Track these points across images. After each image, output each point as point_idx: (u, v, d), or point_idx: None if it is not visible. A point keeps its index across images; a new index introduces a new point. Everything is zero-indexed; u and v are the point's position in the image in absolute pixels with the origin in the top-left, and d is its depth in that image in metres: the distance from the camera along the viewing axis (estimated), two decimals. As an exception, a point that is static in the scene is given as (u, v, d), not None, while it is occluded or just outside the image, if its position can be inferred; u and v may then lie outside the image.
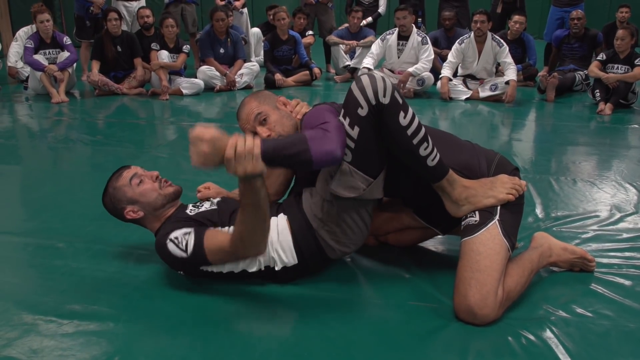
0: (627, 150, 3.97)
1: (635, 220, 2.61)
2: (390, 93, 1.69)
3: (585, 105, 5.60)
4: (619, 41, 5.32)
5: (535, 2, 11.04)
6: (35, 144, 4.27)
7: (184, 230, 1.85)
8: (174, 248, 1.83)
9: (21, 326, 1.73)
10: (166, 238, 1.85)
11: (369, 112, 1.70)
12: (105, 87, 5.98)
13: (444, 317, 1.79)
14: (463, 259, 1.80)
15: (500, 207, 1.86)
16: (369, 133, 1.74)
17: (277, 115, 1.93)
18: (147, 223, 2.04)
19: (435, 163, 1.79)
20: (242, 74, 6.44)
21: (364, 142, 1.75)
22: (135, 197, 1.98)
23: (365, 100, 1.69)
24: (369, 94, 1.69)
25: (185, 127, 4.68)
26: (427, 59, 5.93)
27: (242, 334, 1.71)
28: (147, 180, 2.01)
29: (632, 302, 1.88)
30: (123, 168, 2.07)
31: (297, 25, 7.27)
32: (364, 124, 1.72)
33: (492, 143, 4.17)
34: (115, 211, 2.04)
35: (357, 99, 1.70)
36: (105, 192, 2.04)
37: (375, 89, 1.68)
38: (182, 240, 1.82)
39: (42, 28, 5.79)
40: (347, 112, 1.73)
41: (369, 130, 1.73)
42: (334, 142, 1.70)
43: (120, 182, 2.00)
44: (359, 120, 1.72)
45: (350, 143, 1.75)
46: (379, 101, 1.69)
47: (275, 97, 2.00)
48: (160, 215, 2.02)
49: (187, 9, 7.22)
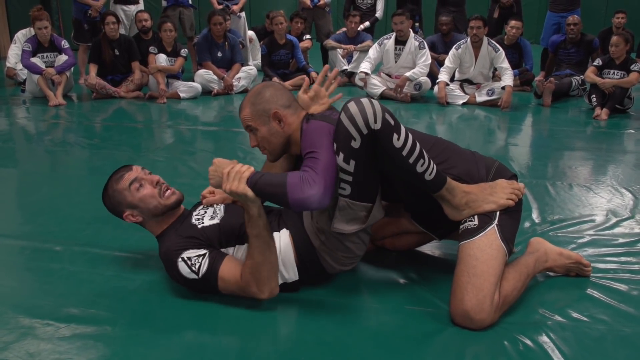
0: (623, 155, 3.99)
1: (631, 225, 2.62)
2: (381, 117, 1.66)
3: (582, 110, 5.62)
4: (614, 48, 5.34)
5: (532, 7, 11.09)
6: (33, 147, 4.26)
7: (198, 252, 1.84)
8: (184, 268, 1.83)
9: (18, 329, 1.73)
10: (177, 256, 1.84)
11: (362, 142, 1.68)
12: (103, 90, 5.97)
13: (440, 321, 1.79)
14: (460, 263, 1.80)
15: (499, 212, 1.87)
16: (365, 163, 1.73)
17: (265, 131, 1.88)
18: (147, 226, 2.04)
19: (433, 176, 1.78)
20: (240, 77, 6.45)
21: (361, 173, 1.74)
22: (135, 203, 1.97)
23: (356, 130, 1.66)
24: (359, 123, 1.66)
25: (183, 130, 4.68)
26: (424, 64, 5.95)
27: (239, 338, 1.72)
28: (147, 186, 1.97)
29: (627, 307, 1.89)
30: (124, 169, 2.03)
31: (295, 29, 7.28)
32: (359, 155, 1.70)
33: (488, 148, 4.18)
34: (115, 211, 2.03)
35: (349, 130, 1.67)
36: (105, 192, 2.02)
37: (365, 116, 1.65)
38: (195, 262, 1.82)
39: (40, 34, 5.79)
40: (341, 147, 1.70)
41: (365, 160, 1.72)
42: (315, 188, 1.67)
43: (120, 186, 1.97)
44: (353, 153, 1.70)
45: (347, 177, 1.74)
46: (371, 128, 1.66)
47: (272, 107, 1.87)
48: (160, 221, 2.01)
49: (185, 13, 7.23)
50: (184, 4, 7.20)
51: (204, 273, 1.81)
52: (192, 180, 3.22)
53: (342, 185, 1.76)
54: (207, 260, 1.82)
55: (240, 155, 3.69)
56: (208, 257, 1.83)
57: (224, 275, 1.81)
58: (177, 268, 1.84)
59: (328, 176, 1.71)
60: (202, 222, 1.96)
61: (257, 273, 1.77)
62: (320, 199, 1.69)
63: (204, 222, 1.96)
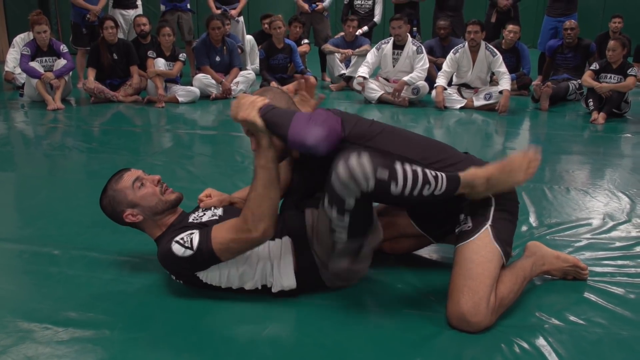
0: (620, 159, 4.00)
1: (627, 228, 2.63)
2: (373, 176, 1.59)
3: (579, 114, 5.64)
4: (611, 52, 5.36)
5: (529, 12, 11.13)
6: (31, 151, 4.26)
7: (189, 231, 1.86)
8: (178, 248, 1.82)
9: (16, 333, 1.73)
10: (170, 242, 1.85)
11: (356, 203, 1.66)
12: (101, 94, 5.98)
13: (438, 324, 1.80)
14: (456, 266, 1.81)
15: (493, 213, 1.87)
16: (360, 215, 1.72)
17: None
18: (146, 228, 2.03)
19: (444, 188, 1.73)
20: (238, 82, 6.46)
21: (357, 223, 1.73)
22: (136, 201, 1.97)
23: (350, 196, 1.64)
24: (352, 188, 1.61)
25: (181, 134, 4.69)
26: (422, 68, 5.97)
27: (238, 341, 1.72)
28: (148, 184, 1.99)
29: (624, 310, 1.90)
30: (123, 170, 2.04)
31: (293, 33, 7.30)
32: (353, 213, 1.69)
33: (486, 152, 4.20)
34: (113, 214, 2.02)
35: (342, 196, 1.64)
36: (103, 194, 2.02)
37: (357, 181, 1.59)
38: (187, 239, 1.82)
39: (39, 38, 5.81)
40: (334, 204, 1.68)
41: (359, 212, 1.70)
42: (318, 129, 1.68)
43: (121, 185, 1.98)
44: (347, 211, 1.68)
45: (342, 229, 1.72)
46: (365, 191, 1.62)
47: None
48: (159, 221, 2.01)
49: (184, 17, 7.24)
50: (182, 9, 7.21)
51: (198, 243, 1.80)
52: (190, 184, 3.23)
53: (339, 232, 1.74)
54: (197, 233, 1.82)
55: (239, 159, 3.70)
56: (197, 231, 1.83)
57: (216, 234, 1.80)
58: (172, 253, 1.82)
59: (333, 130, 1.72)
60: (199, 220, 1.97)
61: (257, 207, 1.75)
62: (318, 139, 1.68)
63: (202, 219, 1.97)
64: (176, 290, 1.98)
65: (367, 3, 7.55)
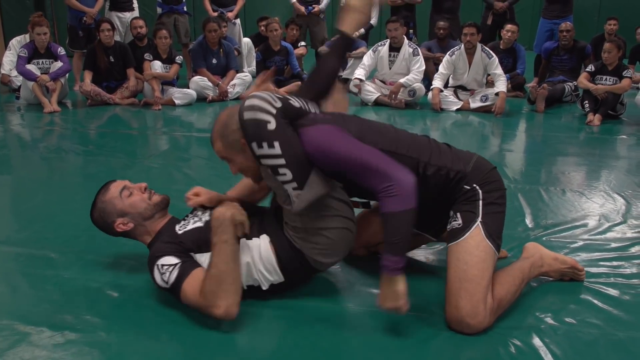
0: (616, 160, 4.02)
1: (623, 229, 2.64)
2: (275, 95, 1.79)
3: (575, 116, 5.66)
4: (606, 54, 5.38)
5: (525, 14, 11.15)
6: (27, 154, 4.26)
7: (172, 260, 1.84)
8: (158, 277, 1.84)
9: (12, 336, 1.73)
10: (155, 261, 1.86)
11: (276, 119, 1.71)
12: (98, 97, 5.98)
13: (434, 326, 1.80)
14: (451, 269, 1.82)
15: (482, 208, 1.86)
16: (288, 138, 1.73)
17: (242, 159, 1.87)
18: (138, 235, 2.04)
19: None
20: (235, 84, 6.46)
21: (290, 148, 1.73)
22: (125, 209, 1.99)
23: (266, 113, 1.71)
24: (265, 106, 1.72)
25: (178, 137, 4.69)
26: (418, 70, 5.98)
27: (235, 344, 1.72)
28: (136, 192, 2.02)
29: (619, 312, 1.90)
30: (109, 183, 2.08)
31: (290, 36, 7.31)
32: (279, 133, 1.71)
33: (482, 153, 4.13)
34: (105, 225, 2.04)
35: (259, 118, 1.71)
36: (93, 207, 2.04)
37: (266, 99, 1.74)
38: (165, 271, 1.83)
39: (38, 39, 5.81)
40: (260, 137, 1.71)
41: (285, 134, 1.73)
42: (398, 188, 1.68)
43: (108, 196, 2.01)
44: (274, 134, 1.70)
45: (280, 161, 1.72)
46: (276, 107, 1.74)
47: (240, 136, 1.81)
48: (149, 227, 2.02)
49: (180, 20, 7.25)
50: (179, 11, 7.22)
51: (173, 283, 1.81)
52: (187, 186, 3.19)
53: (282, 172, 1.73)
54: (176, 271, 1.81)
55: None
56: (178, 267, 1.82)
57: (186, 288, 1.79)
58: (153, 274, 1.86)
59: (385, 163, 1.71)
60: (185, 227, 1.97)
61: (218, 284, 1.72)
62: (408, 179, 1.68)
63: (187, 227, 1.97)
64: (173, 292, 1.98)
65: (364, 5, 7.55)
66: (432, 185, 1.90)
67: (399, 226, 1.68)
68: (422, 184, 1.89)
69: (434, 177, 1.89)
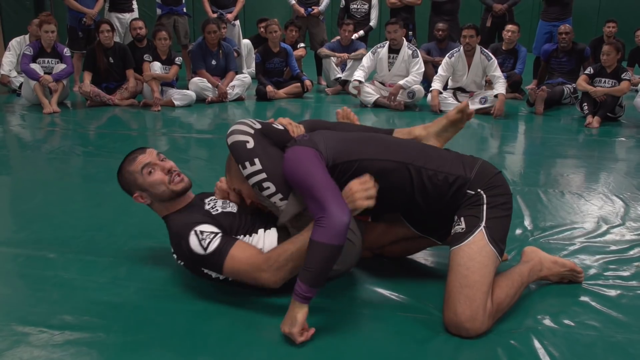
0: (615, 162, 4.02)
1: (621, 232, 2.64)
2: (255, 121, 1.91)
3: (574, 118, 5.67)
4: (605, 56, 5.40)
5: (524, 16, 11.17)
6: (27, 155, 4.26)
7: (213, 228, 1.87)
8: (194, 241, 1.84)
9: (11, 337, 1.73)
10: (191, 228, 1.87)
11: (254, 139, 1.83)
12: (97, 98, 5.98)
13: (433, 328, 1.80)
14: (452, 273, 1.81)
15: (486, 212, 1.86)
16: (266, 154, 1.83)
17: (247, 188, 1.95)
18: (155, 208, 2.09)
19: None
20: (234, 85, 6.47)
21: (270, 162, 1.83)
22: (145, 186, 2.02)
23: (244, 134, 1.86)
24: (243, 128, 1.88)
25: (177, 138, 4.69)
26: (417, 72, 5.99)
27: (233, 345, 1.72)
28: (158, 171, 2.02)
29: (618, 314, 1.91)
30: (138, 151, 2.09)
31: (289, 37, 7.32)
32: (257, 151, 1.83)
33: (481, 155, 4.15)
34: (128, 191, 2.09)
35: (239, 140, 1.86)
36: (119, 172, 2.08)
37: (245, 123, 1.90)
38: (206, 237, 1.84)
39: (45, 37, 5.82)
40: (242, 157, 1.83)
41: (264, 151, 1.84)
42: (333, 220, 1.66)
43: (132, 167, 2.03)
44: (252, 152, 1.82)
45: (262, 175, 1.81)
46: (255, 127, 1.87)
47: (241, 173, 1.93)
48: (168, 206, 2.05)
49: (180, 21, 7.25)
50: (178, 12, 7.22)
51: (212, 250, 1.82)
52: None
53: (265, 185, 1.82)
54: (218, 239, 1.84)
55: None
56: (220, 236, 1.85)
57: (235, 254, 1.82)
58: (186, 240, 1.85)
59: (329, 196, 1.70)
60: (216, 209, 2.00)
61: (285, 259, 1.77)
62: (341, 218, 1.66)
63: (217, 209, 2.00)
64: (172, 294, 1.99)
65: (363, 7, 7.57)
66: (430, 189, 1.90)
67: (317, 257, 1.67)
68: (420, 189, 1.89)
69: (430, 182, 1.89)
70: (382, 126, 5.07)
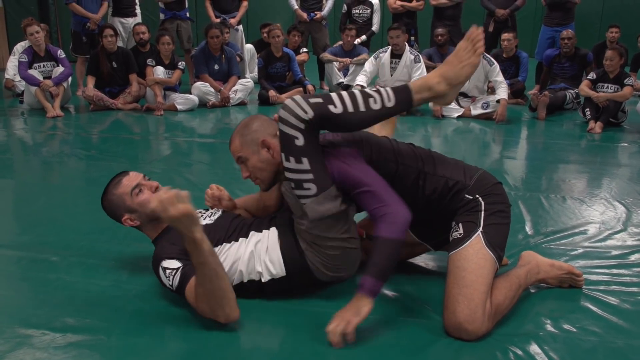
0: (617, 168, 4.02)
1: (623, 237, 2.64)
2: (307, 104, 1.73)
3: (576, 123, 5.67)
4: (608, 61, 5.40)
5: (526, 21, 11.18)
6: (30, 158, 4.28)
7: (174, 264, 1.84)
8: (163, 278, 1.86)
9: (14, 339, 1.74)
10: (159, 262, 1.87)
11: (304, 136, 1.73)
12: (100, 102, 6.00)
13: (433, 332, 1.81)
14: (450, 275, 1.82)
15: (483, 218, 1.88)
16: (316, 154, 1.77)
17: (255, 160, 1.93)
18: (144, 230, 2.07)
19: (394, 100, 1.80)
20: (236, 90, 6.49)
21: (317, 165, 1.78)
22: (134, 207, 2.01)
23: (294, 129, 1.73)
24: (292, 121, 1.72)
25: (180, 142, 4.71)
26: (419, 77, 5.99)
27: (234, 349, 1.73)
28: (146, 191, 2.02)
29: (619, 319, 1.90)
30: (122, 175, 2.08)
31: (292, 42, 7.34)
32: (307, 150, 1.75)
33: (483, 161, 4.21)
34: (114, 216, 2.08)
35: (288, 133, 1.74)
36: (104, 196, 2.07)
37: (294, 113, 1.72)
38: (169, 275, 1.84)
39: (32, 40, 5.83)
40: (288, 150, 1.76)
41: (314, 152, 1.77)
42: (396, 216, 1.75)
43: (120, 190, 2.03)
44: (301, 151, 1.74)
45: (307, 176, 1.77)
46: (305, 120, 1.72)
47: (260, 136, 1.92)
48: (156, 225, 2.04)
49: (183, 26, 7.27)
50: (181, 17, 7.25)
51: (176, 288, 1.83)
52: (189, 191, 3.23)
53: (306, 186, 1.78)
54: (178, 276, 1.82)
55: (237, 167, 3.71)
56: (180, 272, 1.82)
57: (188, 295, 1.80)
58: (158, 274, 1.88)
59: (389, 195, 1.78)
60: None
61: (210, 300, 1.73)
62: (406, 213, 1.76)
63: None
64: (173, 297, 1.99)
65: (365, 12, 7.59)
66: (430, 193, 1.93)
67: (385, 252, 1.73)
68: (422, 193, 1.92)
69: (432, 186, 1.93)
70: (384, 131, 5.09)
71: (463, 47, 1.88)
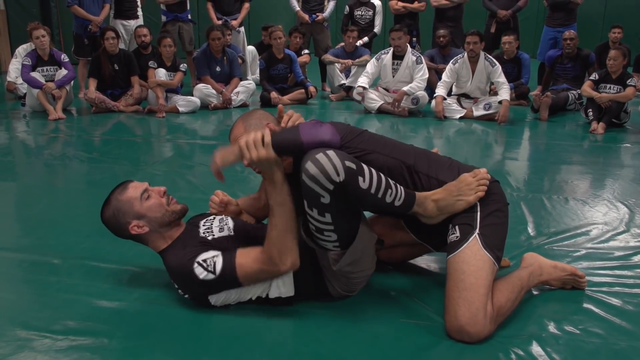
0: (620, 169, 4.01)
1: (626, 238, 2.63)
2: (342, 167, 1.65)
3: (578, 124, 5.66)
4: (611, 61, 5.39)
5: (529, 22, 11.18)
6: (32, 161, 4.28)
7: (212, 252, 1.84)
8: (201, 271, 1.81)
9: (15, 342, 1.74)
10: (192, 261, 1.83)
11: (331, 196, 1.69)
12: (102, 104, 6.01)
13: (435, 334, 1.80)
14: (449, 279, 1.82)
15: (480, 220, 1.88)
16: (339, 211, 1.75)
17: None
18: (151, 240, 1.98)
19: (402, 200, 1.82)
20: (238, 92, 6.49)
21: (340, 219, 1.76)
22: (143, 212, 1.93)
23: (322, 189, 1.67)
24: (322, 181, 1.66)
25: (181, 144, 4.71)
26: (421, 78, 5.99)
27: (235, 351, 1.72)
28: (154, 195, 1.97)
29: (622, 321, 1.90)
30: (127, 182, 2.02)
31: (293, 44, 7.34)
32: (332, 207, 1.72)
33: (485, 162, 4.21)
34: (117, 225, 1.97)
35: (315, 190, 1.68)
36: (106, 206, 1.97)
37: (326, 173, 1.65)
38: (210, 262, 1.81)
39: (38, 44, 5.84)
40: (312, 204, 1.73)
41: (338, 209, 1.74)
42: (324, 126, 1.80)
43: (126, 195, 1.95)
44: (326, 207, 1.72)
45: (328, 227, 1.76)
46: (336, 182, 1.66)
47: (265, 121, 1.95)
48: (165, 233, 1.97)
49: (184, 28, 7.29)
50: (183, 19, 7.26)
51: (221, 270, 1.80)
52: (191, 194, 3.24)
53: (327, 234, 1.79)
54: (220, 258, 1.82)
55: (239, 169, 3.71)
56: (221, 255, 1.83)
57: (241, 262, 1.81)
58: (194, 274, 1.81)
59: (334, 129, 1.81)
60: (212, 234, 1.98)
61: (281, 243, 1.77)
62: (331, 133, 1.78)
63: (214, 234, 1.98)
64: (175, 299, 1.99)
65: (367, 14, 7.59)
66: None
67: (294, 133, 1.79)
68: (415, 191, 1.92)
69: (427, 186, 1.93)
70: (386, 132, 5.09)
71: (467, 182, 1.90)
